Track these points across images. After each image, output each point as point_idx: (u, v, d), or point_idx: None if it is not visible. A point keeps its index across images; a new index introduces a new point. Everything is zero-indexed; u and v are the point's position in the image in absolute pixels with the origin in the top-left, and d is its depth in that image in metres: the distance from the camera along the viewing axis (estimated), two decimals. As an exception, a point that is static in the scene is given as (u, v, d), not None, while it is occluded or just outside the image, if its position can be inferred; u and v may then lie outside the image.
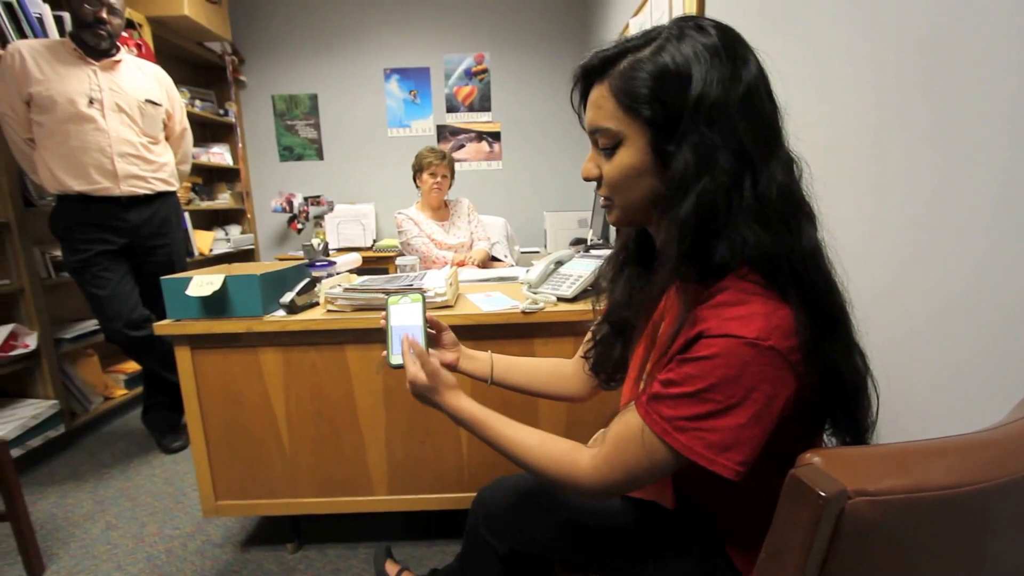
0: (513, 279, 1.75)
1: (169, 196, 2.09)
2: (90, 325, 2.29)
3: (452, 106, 3.75)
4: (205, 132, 3.55)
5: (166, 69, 2.14)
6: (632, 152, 0.60)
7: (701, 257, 0.57)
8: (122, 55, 1.94)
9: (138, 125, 1.93)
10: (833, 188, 1.00)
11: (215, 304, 1.28)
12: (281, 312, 1.32)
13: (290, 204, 3.61)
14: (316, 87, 3.70)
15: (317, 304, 1.39)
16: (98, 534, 1.62)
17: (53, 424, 2.05)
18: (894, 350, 0.88)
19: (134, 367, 2.52)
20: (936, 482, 0.38)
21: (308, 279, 1.38)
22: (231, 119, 3.59)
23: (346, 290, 1.31)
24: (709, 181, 0.55)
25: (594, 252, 1.69)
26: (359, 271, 1.80)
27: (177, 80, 2.23)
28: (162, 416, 2.18)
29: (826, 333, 0.55)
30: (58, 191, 1.85)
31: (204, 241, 3.23)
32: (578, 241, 2.49)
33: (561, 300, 1.34)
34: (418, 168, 2.48)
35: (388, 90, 3.71)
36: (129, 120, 1.91)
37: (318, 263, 1.67)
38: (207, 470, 1.38)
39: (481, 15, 3.63)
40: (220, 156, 3.52)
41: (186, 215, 2.80)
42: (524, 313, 1.28)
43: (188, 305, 1.28)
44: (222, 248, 3.42)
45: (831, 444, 0.66)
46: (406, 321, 0.83)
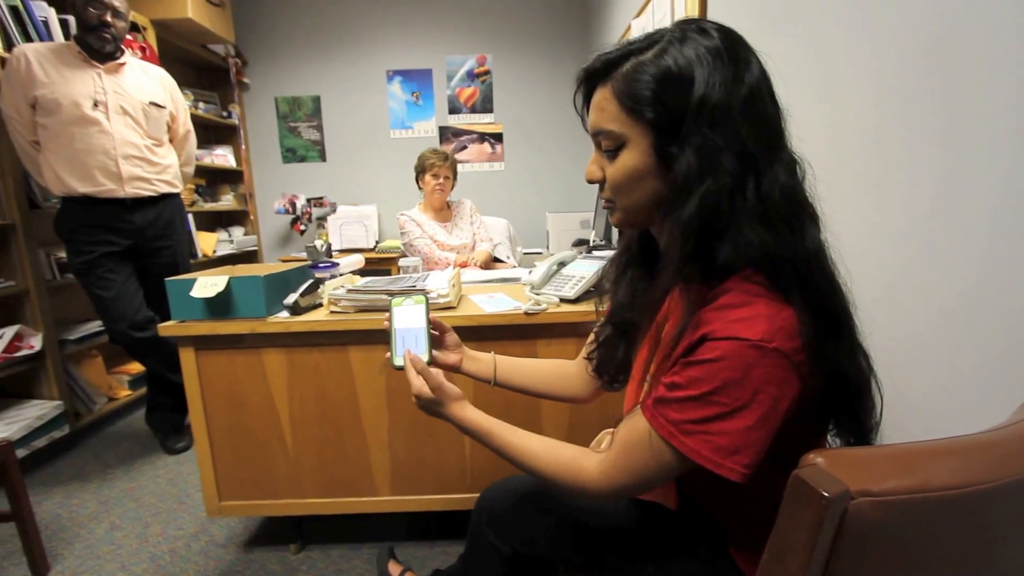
0: (516, 280, 1.76)
1: (173, 198, 2.10)
2: (94, 326, 2.30)
3: (454, 107, 3.76)
4: (208, 134, 3.56)
5: (170, 72, 2.15)
6: (635, 154, 0.61)
7: (704, 259, 0.57)
8: (126, 58, 1.96)
9: (142, 127, 1.94)
10: (836, 189, 1.00)
11: (219, 305, 1.29)
12: (285, 313, 1.33)
13: (293, 206, 3.63)
14: (319, 89, 3.71)
15: (320, 305, 1.39)
16: (102, 534, 1.63)
17: (58, 425, 2.06)
18: (897, 351, 0.88)
19: (138, 368, 2.53)
20: (939, 483, 0.38)
21: (311, 280, 1.39)
22: (234, 121, 3.60)
23: (349, 291, 1.32)
24: (712, 183, 0.55)
25: (596, 253, 1.69)
26: (362, 272, 1.80)
27: (181, 82, 2.24)
28: (166, 417, 2.19)
29: (830, 334, 0.55)
30: (63, 193, 1.86)
31: (208, 242, 3.24)
32: (580, 242, 2.49)
33: (564, 301, 1.34)
34: (420, 169, 2.48)
35: (390, 92, 3.72)
36: (133, 122, 1.92)
37: (321, 264, 1.67)
38: (211, 471, 1.38)
39: (483, 17, 3.64)
40: (223, 158, 3.53)
41: (190, 217, 2.81)
42: (527, 314, 1.28)
43: (192, 306, 1.29)
44: (225, 249, 3.43)
45: (835, 445, 0.66)
46: (409, 323, 0.83)
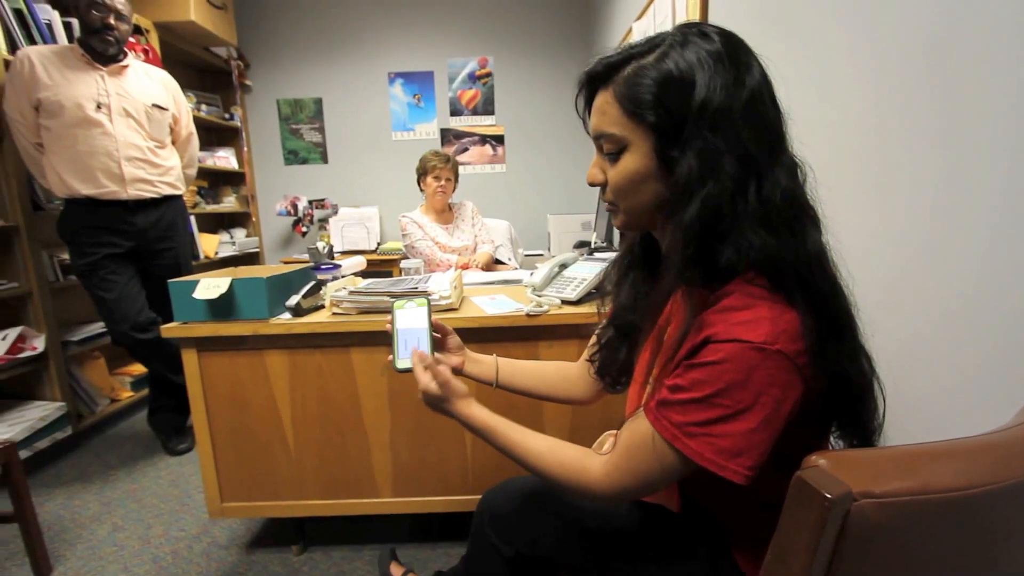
0: (517, 282, 1.76)
1: (175, 200, 2.11)
2: (97, 328, 2.31)
3: (456, 110, 3.76)
4: (211, 136, 3.57)
5: (172, 74, 2.16)
6: (637, 157, 0.61)
7: (706, 261, 0.57)
8: (129, 60, 1.96)
9: (145, 129, 1.95)
10: (837, 192, 1.00)
11: (221, 307, 1.29)
12: (287, 315, 1.33)
13: (295, 207, 3.63)
14: (321, 91, 3.72)
15: (322, 307, 1.40)
16: (104, 535, 1.63)
17: (60, 426, 2.06)
18: (899, 352, 0.88)
19: (140, 369, 2.53)
20: (942, 484, 0.38)
21: (313, 282, 1.39)
22: (236, 123, 3.61)
23: (351, 293, 1.32)
24: (713, 186, 0.55)
25: (598, 255, 1.69)
26: (363, 274, 1.81)
27: (183, 85, 2.25)
28: (168, 418, 2.19)
29: (832, 336, 0.56)
30: (66, 195, 1.87)
31: (210, 244, 3.25)
32: (582, 244, 2.49)
33: (565, 303, 1.34)
34: (422, 171, 2.49)
35: (392, 94, 3.73)
36: (136, 124, 1.92)
37: (323, 266, 1.68)
38: (213, 472, 1.39)
39: (484, 19, 3.64)
40: (225, 160, 3.54)
41: (192, 218, 2.81)
42: (528, 316, 1.28)
43: (195, 308, 1.29)
44: (227, 251, 3.43)
45: (838, 447, 0.66)
46: (411, 325, 0.83)
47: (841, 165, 1.02)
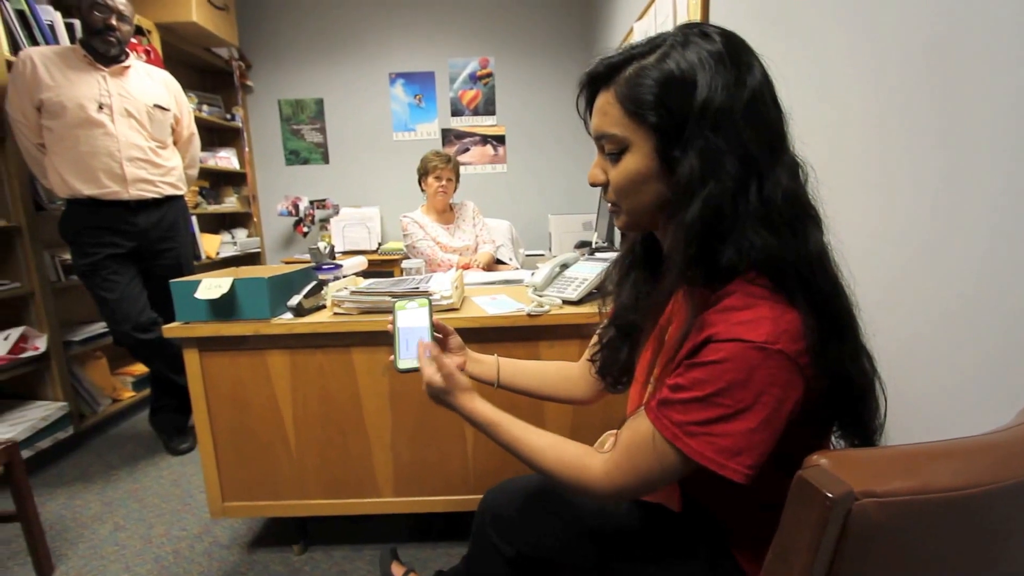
0: (518, 282, 1.76)
1: (177, 200, 2.11)
2: (99, 328, 2.31)
3: (457, 110, 3.76)
4: (212, 136, 3.58)
5: (174, 74, 2.16)
6: (638, 158, 0.61)
7: (708, 261, 0.57)
8: (131, 61, 1.97)
9: (147, 130, 1.95)
10: (838, 191, 1.00)
11: (223, 307, 1.29)
12: (288, 315, 1.33)
13: (296, 208, 3.63)
14: (322, 92, 3.72)
15: (324, 307, 1.40)
16: (106, 535, 1.63)
17: (62, 426, 2.06)
18: (900, 352, 0.88)
19: (142, 369, 2.54)
20: (942, 484, 0.38)
21: (315, 282, 1.39)
22: (238, 124, 3.61)
23: (353, 293, 1.32)
24: (715, 186, 0.55)
25: (599, 255, 1.69)
26: (365, 274, 1.81)
27: (185, 85, 2.25)
28: (169, 418, 2.20)
29: (833, 336, 0.56)
30: (68, 195, 1.87)
31: (211, 244, 3.26)
32: (583, 244, 2.49)
33: (566, 303, 1.34)
34: (423, 172, 2.49)
35: (393, 94, 3.73)
36: (138, 125, 1.93)
37: (325, 266, 1.68)
38: (214, 472, 1.39)
39: (485, 20, 3.65)
40: (227, 160, 3.54)
41: (193, 219, 2.82)
42: (529, 316, 1.28)
43: (197, 308, 1.29)
44: (229, 251, 3.44)
45: (839, 447, 0.66)
46: (413, 325, 0.83)
47: (842, 165, 1.03)
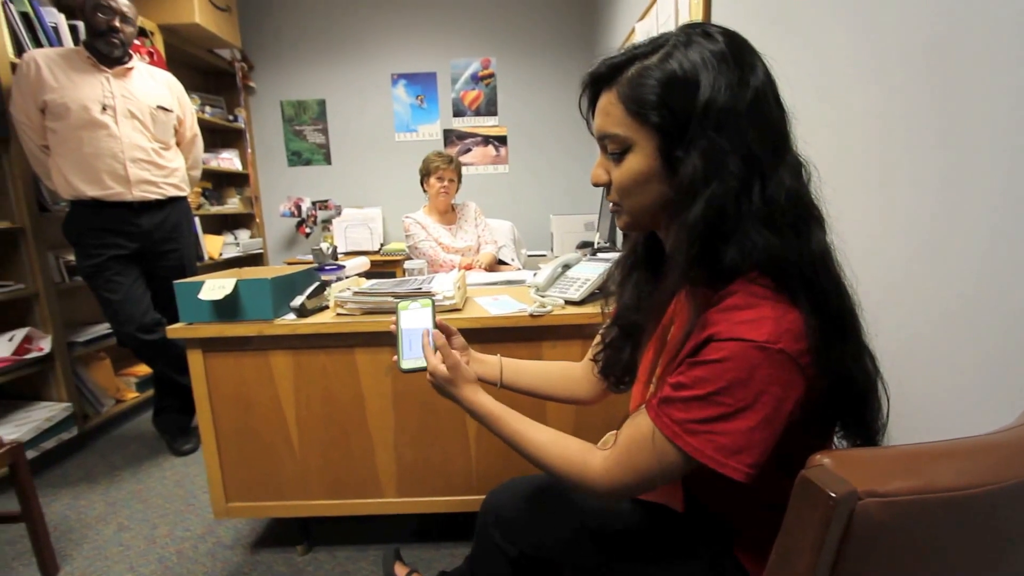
0: (520, 282, 1.76)
1: (180, 201, 2.12)
2: (102, 329, 2.32)
3: (459, 110, 3.77)
4: (215, 137, 3.59)
5: (177, 76, 2.17)
6: (641, 158, 0.61)
7: (710, 261, 0.57)
8: (134, 62, 1.98)
9: (150, 131, 1.96)
10: (841, 191, 1.00)
11: (227, 308, 1.30)
12: (291, 316, 1.34)
13: (298, 208, 3.63)
14: (324, 93, 3.73)
15: (327, 308, 1.40)
16: (110, 535, 1.64)
17: (66, 426, 2.07)
18: (902, 352, 0.88)
19: (145, 370, 2.55)
20: (945, 484, 0.38)
21: (318, 283, 1.39)
22: (240, 125, 3.62)
23: (355, 294, 1.32)
24: (718, 186, 0.55)
25: (601, 255, 1.69)
26: (367, 275, 1.81)
27: (188, 87, 2.26)
28: (173, 419, 2.20)
29: (835, 336, 0.56)
30: (72, 197, 1.88)
31: (214, 245, 3.26)
32: (585, 244, 2.49)
33: (569, 303, 1.34)
34: (425, 172, 2.49)
35: (395, 95, 3.73)
36: (141, 126, 1.93)
37: (327, 267, 1.68)
38: (218, 472, 1.39)
39: (487, 20, 3.65)
40: (229, 161, 3.55)
41: (196, 220, 2.83)
42: (532, 316, 1.28)
43: (200, 309, 1.30)
44: (231, 252, 3.44)
45: (842, 447, 0.66)
46: (416, 325, 0.84)
47: (844, 164, 1.02)
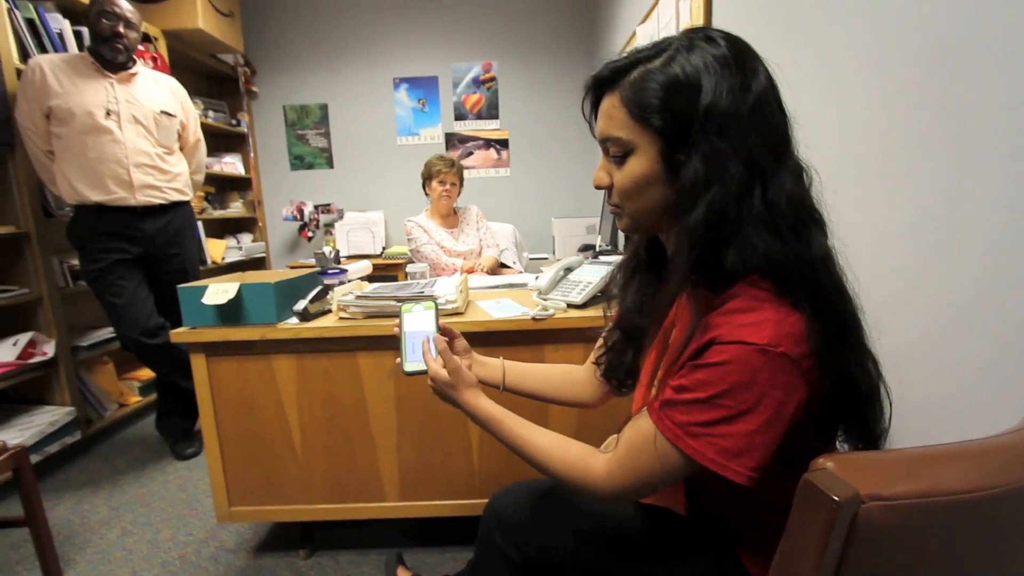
0: (523, 286, 1.76)
1: (183, 206, 2.13)
2: (106, 333, 2.33)
3: (460, 114, 3.78)
4: (218, 142, 3.60)
5: (180, 81, 2.18)
6: (643, 161, 0.61)
7: (711, 264, 0.58)
8: (138, 68, 1.99)
9: (153, 136, 1.97)
10: (843, 195, 1.00)
11: (230, 312, 1.30)
12: (294, 320, 1.34)
13: (301, 212, 3.66)
14: (326, 97, 3.75)
15: (329, 312, 1.40)
16: (114, 540, 1.64)
17: (70, 431, 2.08)
18: (905, 355, 0.88)
19: (148, 374, 2.55)
20: (949, 487, 0.38)
21: (320, 287, 1.40)
22: (243, 129, 3.64)
23: (358, 297, 1.33)
24: (719, 189, 0.56)
25: (603, 258, 1.69)
26: (369, 278, 1.81)
27: (191, 91, 2.27)
28: (175, 423, 2.21)
29: (837, 340, 0.56)
30: (76, 201, 1.89)
31: (216, 249, 3.27)
32: (587, 247, 2.49)
33: (571, 306, 1.34)
34: (427, 176, 2.50)
35: (397, 99, 3.75)
36: (145, 131, 1.95)
37: (330, 271, 1.69)
38: (221, 476, 1.39)
39: (488, 24, 3.67)
40: (232, 166, 3.57)
41: (199, 224, 2.84)
42: (534, 320, 1.28)
43: (204, 313, 1.30)
44: (234, 256, 3.46)
45: (844, 450, 0.66)
46: (419, 328, 0.84)
47: (846, 169, 1.02)
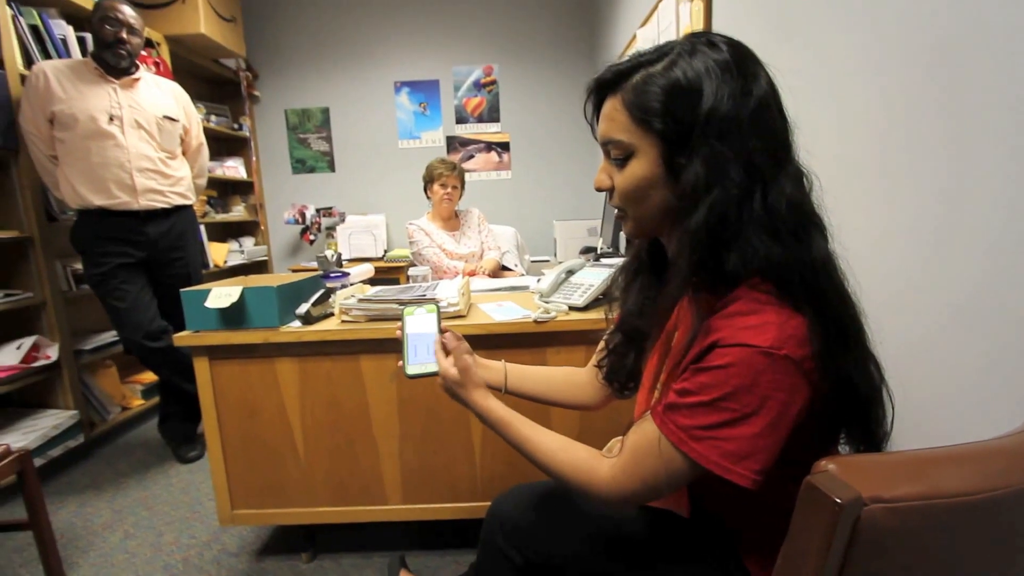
0: (524, 288, 1.76)
1: (186, 210, 2.13)
2: (109, 336, 2.33)
3: (461, 117, 3.79)
4: (220, 146, 3.62)
5: (183, 85, 2.19)
6: (644, 164, 0.62)
7: (712, 267, 0.58)
8: (141, 73, 2.00)
9: (156, 140, 1.98)
10: (843, 199, 1.01)
11: (233, 315, 1.31)
12: (297, 323, 1.34)
13: (302, 216, 3.66)
14: (328, 101, 3.76)
15: (332, 315, 1.41)
16: (116, 543, 1.64)
17: (73, 434, 2.08)
18: (906, 358, 0.88)
19: (151, 377, 2.56)
20: (951, 489, 0.38)
21: (323, 290, 1.40)
22: (245, 133, 3.65)
23: (360, 301, 1.33)
24: (720, 193, 0.56)
25: (605, 261, 1.69)
26: (371, 282, 1.82)
27: (193, 96, 2.29)
28: (178, 426, 2.21)
29: (839, 343, 0.56)
30: (79, 206, 1.90)
31: (219, 253, 3.28)
32: (588, 250, 2.49)
33: (573, 309, 1.34)
34: (429, 179, 2.50)
35: (398, 102, 3.76)
36: (148, 136, 1.95)
37: (332, 274, 1.69)
38: (224, 479, 1.40)
39: (489, 27, 3.68)
40: (234, 169, 3.58)
41: (202, 228, 2.85)
42: (536, 322, 1.28)
43: (207, 316, 1.30)
44: (236, 260, 3.47)
45: (846, 452, 0.66)
46: (421, 330, 0.84)
47: (846, 172, 1.03)
